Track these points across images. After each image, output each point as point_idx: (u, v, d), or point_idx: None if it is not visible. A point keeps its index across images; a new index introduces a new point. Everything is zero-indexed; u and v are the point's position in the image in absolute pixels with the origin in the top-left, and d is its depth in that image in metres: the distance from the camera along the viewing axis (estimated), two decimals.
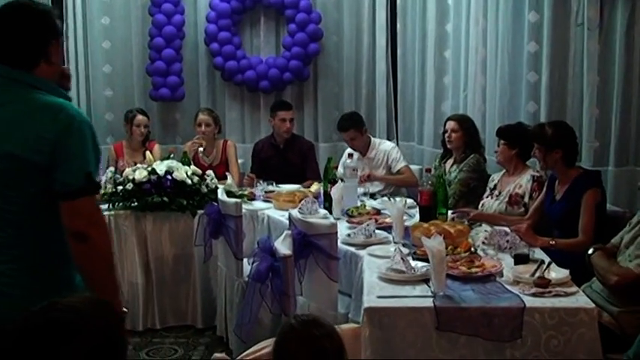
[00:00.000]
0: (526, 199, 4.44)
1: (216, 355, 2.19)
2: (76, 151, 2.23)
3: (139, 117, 5.97)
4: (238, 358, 2.28)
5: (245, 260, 4.23)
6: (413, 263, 3.36)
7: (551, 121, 4.34)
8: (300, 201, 4.55)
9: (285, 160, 6.00)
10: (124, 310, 2.47)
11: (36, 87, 2.28)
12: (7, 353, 1.32)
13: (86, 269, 2.30)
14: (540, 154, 4.16)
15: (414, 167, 5.92)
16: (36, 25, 2.31)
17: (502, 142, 4.61)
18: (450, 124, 5.19)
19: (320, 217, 4.17)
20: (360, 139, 5.62)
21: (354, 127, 5.59)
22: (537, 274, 3.16)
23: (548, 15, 4.96)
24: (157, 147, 6.01)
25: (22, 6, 2.32)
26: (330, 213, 4.48)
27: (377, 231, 4.04)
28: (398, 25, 6.59)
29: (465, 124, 5.15)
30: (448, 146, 5.26)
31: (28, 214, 2.25)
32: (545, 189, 4.31)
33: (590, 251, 3.49)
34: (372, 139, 5.82)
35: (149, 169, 4.88)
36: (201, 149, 5.78)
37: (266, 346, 2.25)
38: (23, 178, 2.22)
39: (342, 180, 4.79)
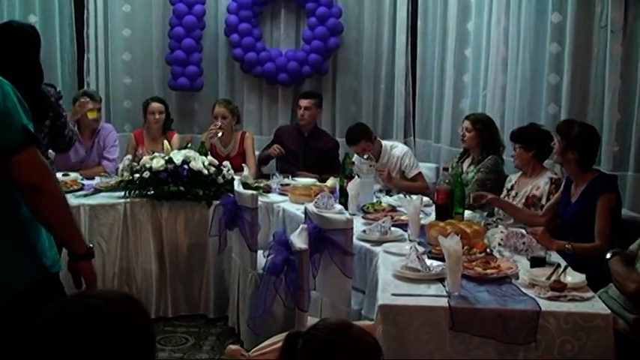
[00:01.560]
0: (543, 201, 4.43)
1: (231, 346, 2.19)
2: (6, 109, 2.27)
3: (153, 104, 5.98)
4: (253, 350, 2.27)
5: (259, 252, 4.23)
6: (428, 262, 3.35)
7: (583, 122, 4.29)
8: (315, 195, 4.56)
9: (307, 149, 6.02)
10: (90, 245, 2.54)
11: None
12: (44, 336, 1.32)
13: (47, 218, 2.38)
14: (559, 148, 4.12)
15: (430, 165, 5.92)
16: None
17: (517, 145, 4.59)
18: (465, 123, 5.19)
19: (336, 212, 4.18)
20: (371, 148, 5.48)
21: (364, 138, 5.49)
22: (553, 278, 3.14)
23: (571, 16, 4.94)
24: (176, 137, 6.01)
25: None
26: (346, 208, 4.48)
27: (392, 228, 4.03)
28: (419, 22, 6.58)
29: (478, 124, 5.12)
30: (462, 145, 5.26)
31: None
32: (561, 189, 4.28)
33: (609, 255, 3.46)
34: (383, 143, 5.76)
35: (166, 158, 4.89)
36: (219, 134, 5.77)
37: (279, 340, 2.25)
38: None
39: (358, 176, 4.78)
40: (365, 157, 5.01)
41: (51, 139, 4.08)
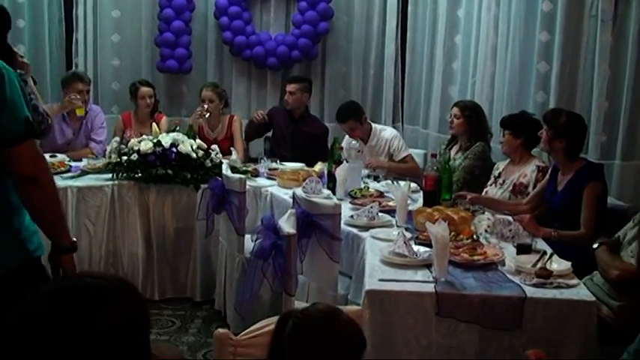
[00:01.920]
0: (530, 189, 4.44)
1: (219, 330, 2.19)
2: (11, 98, 2.28)
3: (143, 89, 5.93)
4: (241, 334, 2.28)
5: (247, 236, 4.23)
6: (415, 248, 3.36)
7: (570, 111, 4.31)
8: (304, 180, 4.55)
9: (295, 133, 6.00)
10: (74, 239, 2.56)
11: None
12: (42, 314, 1.33)
13: (38, 210, 2.41)
14: (546, 137, 4.14)
15: (417, 152, 5.91)
16: None
17: (507, 132, 4.60)
18: (453, 110, 5.19)
19: (324, 197, 4.18)
20: (359, 129, 5.50)
21: (353, 118, 5.49)
22: (539, 265, 3.16)
23: (561, 5, 4.95)
24: (164, 119, 5.97)
25: None
26: (334, 194, 4.48)
27: (380, 214, 4.04)
28: (409, 8, 6.57)
29: (467, 111, 5.12)
30: (450, 131, 5.27)
31: None
32: (547, 177, 4.30)
33: (596, 245, 3.49)
34: (373, 126, 5.74)
35: (154, 140, 4.87)
36: (206, 116, 5.75)
37: (268, 324, 2.25)
38: None
39: (346, 161, 4.78)
40: (353, 141, 5.01)
41: None
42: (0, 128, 2.26)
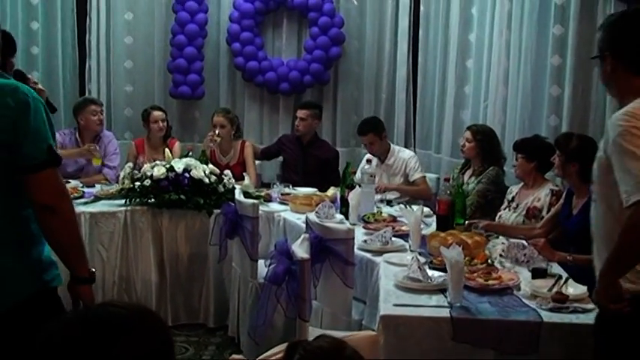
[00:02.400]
0: (544, 213, 4.42)
1: (234, 356, 2.18)
2: (35, 126, 2.30)
3: (155, 113, 5.96)
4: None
5: (260, 262, 4.22)
6: (430, 272, 3.34)
7: (580, 134, 4.31)
8: (316, 205, 4.56)
9: (306, 158, 6.02)
10: (92, 270, 2.56)
11: None
12: (67, 342, 1.32)
13: (57, 239, 2.41)
14: (559, 162, 4.14)
15: (430, 176, 5.90)
16: None
17: (520, 155, 4.58)
18: (466, 134, 5.21)
19: (337, 221, 4.17)
20: (378, 144, 5.63)
21: (373, 131, 5.62)
22: (555, 289, 3.14)
23: (573, 28, 4.96)
24: (177, 145, 6.01)
25: None
26: (347, 218, 4.48)
27: (393, 238, 4.03)
28: (420, 32, 6.58)
29: (479, 135, 5.13)
30: (461, 155, 5.27)
31: None
32: (562, 201, 4.28)
33: None
34: (392, 146, 5.84)
35: (167, 166, 4.89)
36: (218, 140, 5.76)
37: (282, 350, 2.23)
38: None
39: (359, 185, 4.78)
40: (367, 166, 5.02)
41: None
42: (22, 155, 2.28)
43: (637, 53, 2.50)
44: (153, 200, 4.84)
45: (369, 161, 5.36)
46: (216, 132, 5.78)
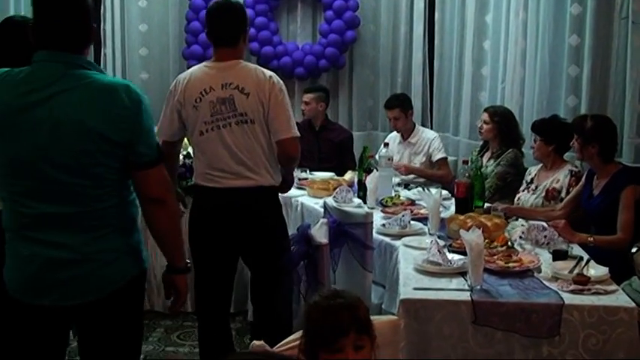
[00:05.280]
0: (563, 194, 4.39)
1: (255, 342, 2.18)
2: (148, 124, 2.42)
3: None
4: (277, 346, 2.27)
5: None
6: (449, 256, 3.32)
7: (594, 114, 4.28)
8: (334, 189, 4.55)
9: (318, 143, 6.01)
10: (187, 261, 2.67)
11: (88, 68, 2.39)
12: None
13: (162, 230, 2.53)
14: (578, 146, 4.11)
15: (449, 158, 5.89)
16: (84, 8, 2.42)
17: (538, 137, 4.55)
18: (483, 116, 5.20)
19: (354, 206, 4.16)
20: (403, 120, 5.71)
21: (400, 107, 5.71)
22: (576, 271, 3.11)
23: (591, 7, 4.88)
24: None
25: None
26: (365, 202, 4.46)
27: (412, 222, 4.01)
28: (436, 15, 6.53)
29: (496, 116, 5.11)
30: (479, 137, 5.25)
31: (111, 187, 2.40)
32: (583, 182, 4.25)
33: (634, 250, 3.43)
34: (417, 126, 5.92)
35: (184, 152, 4.88)
36: None
37: (301, 336, 2.24)
38: (109, 155, 2.35)
39: (376, 169, 4.76)
40: (384, 150, 5.00)
41: None
42: (137, 153, 2.38)
43: None
44: None
45: (386, 144, 5.35)
46: None
